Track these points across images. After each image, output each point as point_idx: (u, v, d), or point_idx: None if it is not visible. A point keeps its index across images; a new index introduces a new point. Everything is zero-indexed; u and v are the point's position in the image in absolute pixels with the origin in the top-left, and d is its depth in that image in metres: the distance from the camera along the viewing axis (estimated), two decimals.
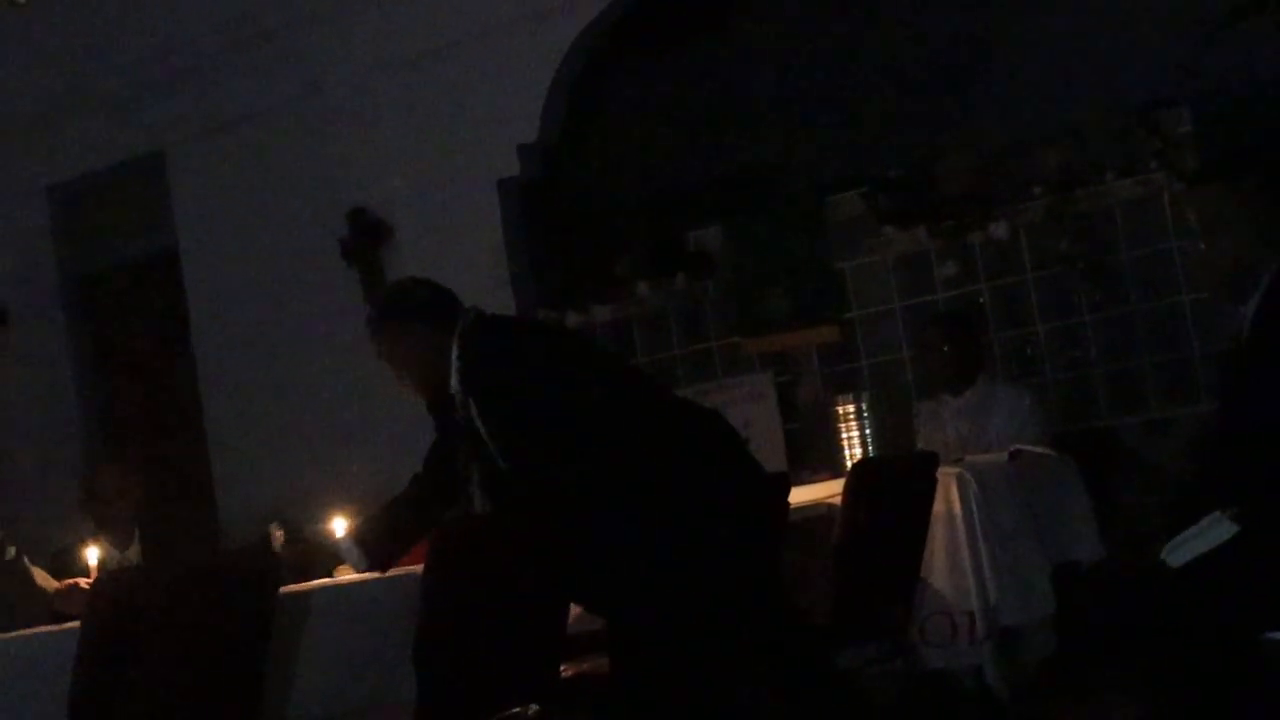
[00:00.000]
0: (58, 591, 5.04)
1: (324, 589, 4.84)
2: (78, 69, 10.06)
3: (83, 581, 5.06)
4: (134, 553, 7.18)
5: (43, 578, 5.28)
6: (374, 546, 5.04)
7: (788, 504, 5.11)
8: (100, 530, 7.18)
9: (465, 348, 4.95)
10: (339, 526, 5.29)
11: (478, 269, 8.54)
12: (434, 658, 4.48)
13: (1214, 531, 4.38)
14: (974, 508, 6.23)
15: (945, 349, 7.55)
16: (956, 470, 6.30)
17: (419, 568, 4.61)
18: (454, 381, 4.94)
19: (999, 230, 8.20)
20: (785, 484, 5.16)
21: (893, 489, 5.93)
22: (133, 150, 10.07)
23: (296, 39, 9.37)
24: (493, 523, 5.03)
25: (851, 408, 7.42)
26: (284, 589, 4.28)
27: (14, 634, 4.27)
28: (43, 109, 10.22)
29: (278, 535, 6.21)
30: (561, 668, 4.95)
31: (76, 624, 3.85)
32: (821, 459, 7.65)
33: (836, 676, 5.36)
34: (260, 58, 9.48)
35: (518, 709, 4.49)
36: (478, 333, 4.98)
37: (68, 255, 10.58)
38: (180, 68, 9.73)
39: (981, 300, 8.34)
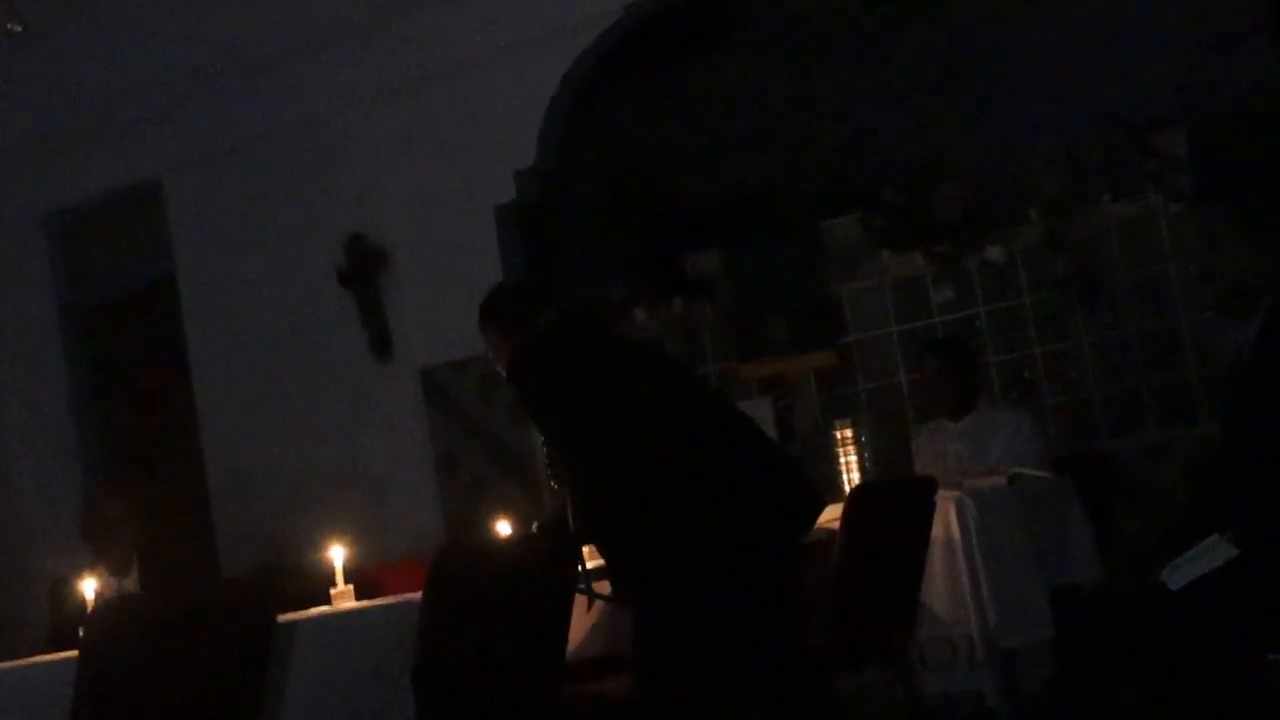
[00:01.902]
0: None
1: (322, 616, 4.83)
2: (74, 97, 10.07)
3: None
4: (132, 581, 7.19)
5: None
6: None
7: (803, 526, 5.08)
8: (99, 558, 7.18)
9: (513, 360, 4.99)
10: (336, 555, 5.28)
11: (475, 294, 8.52)
12: (433, 683, 4.48)
13: (1213, 553, 4.38)
14: (973, 531, 6.22)
15: (944, 377, 7.52)
16: (955, 494, 6.29)
17: (417, 594, 4.61)
18: None
19: (995, 253, 8.22)
20: (817, 506, 5.10)
21: (891, 513, 5.93)
22: (130, 178, 10.07)
23: (293, 66, 9.38)
24: (489, 547, 5.03)
25: (849, 432, 7.41)
26: (282, 616, 4.28)
27: (12, 663, 4.26)
28: (39, 137, 10.23)
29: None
30: (560, 692, 4.94)
31: (75, 653, 3.85)
32: (820, 484, 7.64)
33: (835, 700, 5.35)
34: (257, 85, 9.49)
35: None
36: (528, 349, 5.00)
37: (65, 284, 10.57)
38: (177, 95, 9.74)
39: (978, 324, 8.35)
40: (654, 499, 4.76)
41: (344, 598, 5.15)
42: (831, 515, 5.78)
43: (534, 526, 6.05)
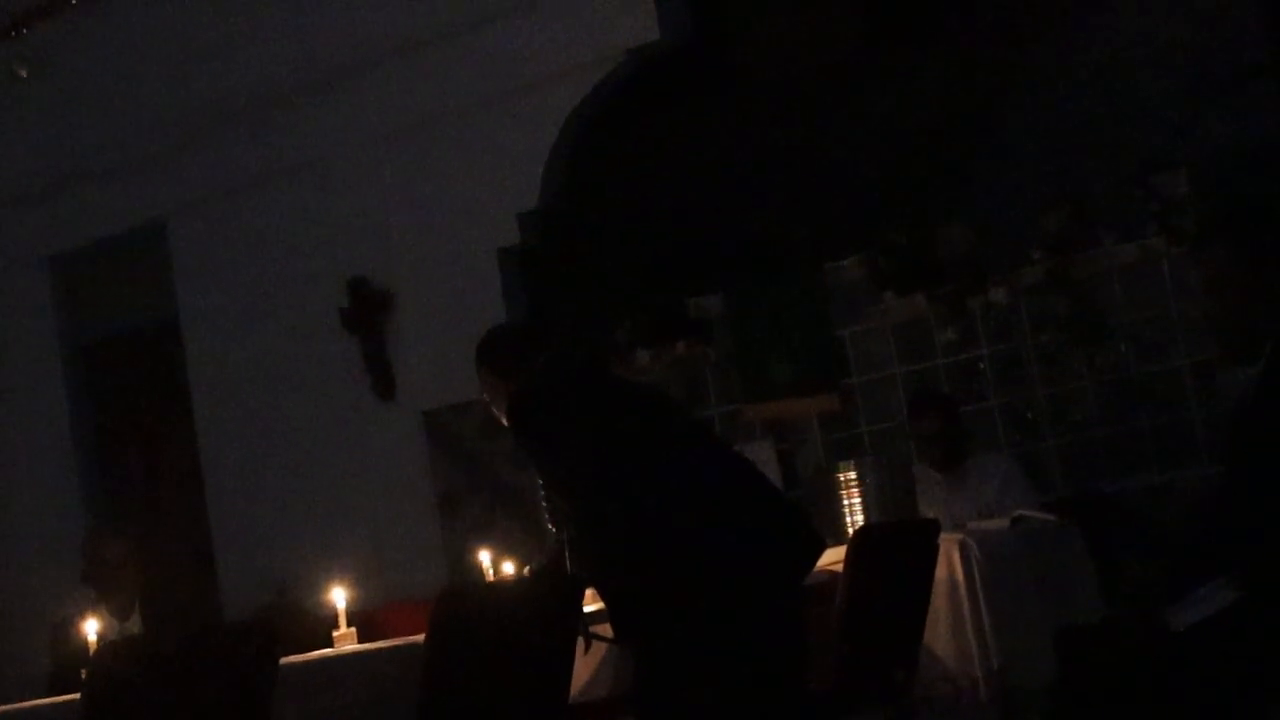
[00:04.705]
0: None
1: (325, 659, 4.82)
2: (78, 139, 10.10)
3: None
4: (135, 623, 7.17)
5: None
6: None
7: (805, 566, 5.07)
8: (101, 600, 7.16)
9: (512, 401, 5.00)
10: (339, 597, 5.27)
11: (477, 337, 8.55)
12: None
13: (1218, 595, 4.37)
14: (976, 573, 6.20)
15: (941, 432, 7.58)
16: (959, 536, 6.28)
17: (419, 636, 4.60)
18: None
19: (998, 295, 8.23)
20: (815, 548, 5.10)
21: (895, 555, 5.92)
22: (133, 220, 10.10)
23: (296, 109, 9.41)
24: (492, 588, 5.02)
25: (853, 474, 7.40)
26: (284, 659, 4.27)
27: (13, 706, 4.25)
28: (43, 179, 10.26)
29: None
30: None
31: (76, 695, 3.84)
32: (823, 526, 7.63)
33: None
34: (260, 128, 9.52)
35: None
36: (528, 390, 5.00)
37: (69, 325, 10.59)
38: (181, 137, 9.77)
39: (981, 365, 8.35)
40: (654, 542, 4.76)
41: (346, 640, 5.14)
42: (835, 557, 5.77)
43: (525, 570, 6.04)
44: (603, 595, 4.91)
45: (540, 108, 8.76)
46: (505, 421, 5.18)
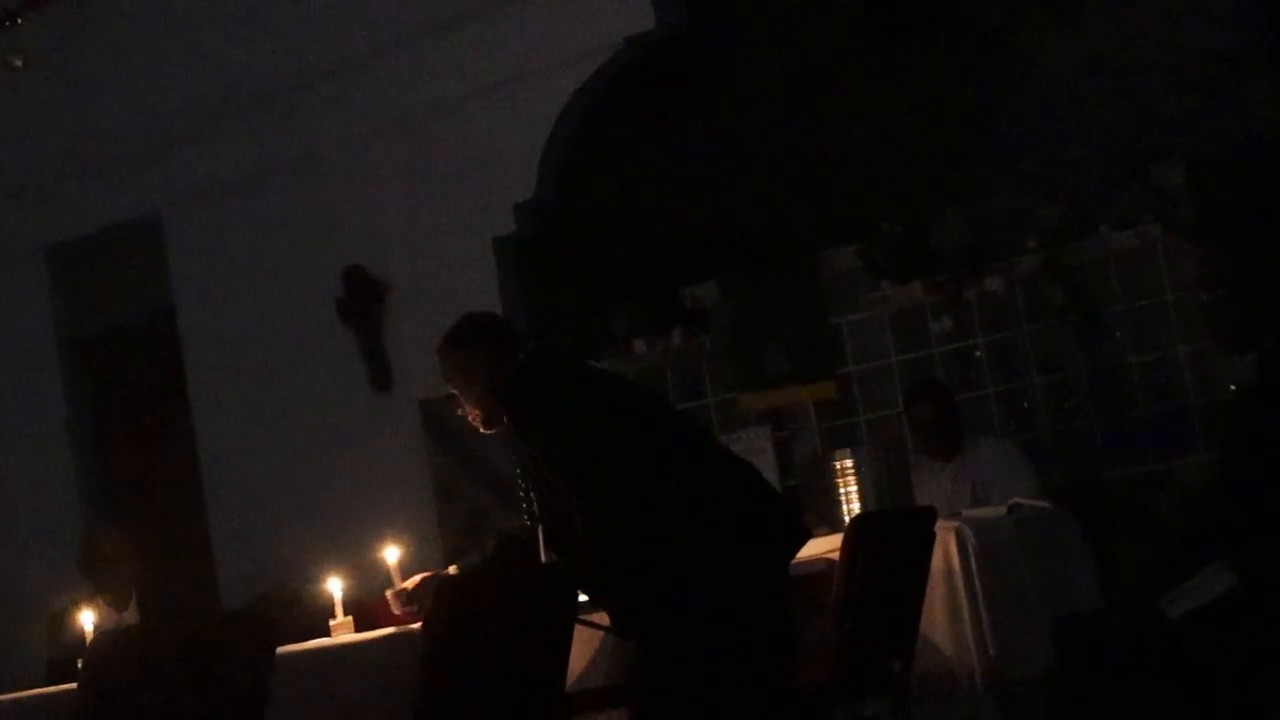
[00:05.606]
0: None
1: (321, 648, 4.82)
2: (75, 132, 10.09)
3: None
4: (132, 614, 7.18)
5: None
6: None
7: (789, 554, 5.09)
8: (98, 592, 7.18)
9: (511, 383, 4.99)
10: (335, 587, 5.27)
11: None
12: (434, 715, 4.47)
13: (1214, 582, 4.37)
14: (973, 562, 6.20)
15: (937, 420, 7.60)
16: (955, 525, 6.28)
17: (416, 626, 4.61)
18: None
19: (994, 284, 8.23)
20: (801, 536, 5.12)
21: (891, 543, 5.92)
22: (130, 213, 10.08)
23: (293, 101, 9.40)
24: (489, 578, 5.03)
25: (850, 463, 7.41)
26: (281, 649, 4.27)
27: (9, 695, 4.26)
28: (40, 172, 10.25)
29: None
30: None
31: (73, 685, 3.85)
32: (820, 514, 7.65)
33: None
34: (257, 120, 9.51)
35: None
36: (526, 371, 5.01)
37: (65, 318, 10.57)
38: (177, 130, 9.76)
39: (977, 354, 8.35)
40: (645, 534, 4.78)
41: (344, 629, 5.15)
42: (831, 546, 5.78)
43: (453, 569, 5.94)
44: (601, 589, 4.92)
45: (536, 98, 8.75)
46: (478, 410, 5.17)
